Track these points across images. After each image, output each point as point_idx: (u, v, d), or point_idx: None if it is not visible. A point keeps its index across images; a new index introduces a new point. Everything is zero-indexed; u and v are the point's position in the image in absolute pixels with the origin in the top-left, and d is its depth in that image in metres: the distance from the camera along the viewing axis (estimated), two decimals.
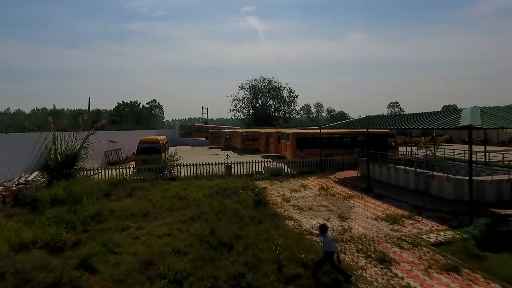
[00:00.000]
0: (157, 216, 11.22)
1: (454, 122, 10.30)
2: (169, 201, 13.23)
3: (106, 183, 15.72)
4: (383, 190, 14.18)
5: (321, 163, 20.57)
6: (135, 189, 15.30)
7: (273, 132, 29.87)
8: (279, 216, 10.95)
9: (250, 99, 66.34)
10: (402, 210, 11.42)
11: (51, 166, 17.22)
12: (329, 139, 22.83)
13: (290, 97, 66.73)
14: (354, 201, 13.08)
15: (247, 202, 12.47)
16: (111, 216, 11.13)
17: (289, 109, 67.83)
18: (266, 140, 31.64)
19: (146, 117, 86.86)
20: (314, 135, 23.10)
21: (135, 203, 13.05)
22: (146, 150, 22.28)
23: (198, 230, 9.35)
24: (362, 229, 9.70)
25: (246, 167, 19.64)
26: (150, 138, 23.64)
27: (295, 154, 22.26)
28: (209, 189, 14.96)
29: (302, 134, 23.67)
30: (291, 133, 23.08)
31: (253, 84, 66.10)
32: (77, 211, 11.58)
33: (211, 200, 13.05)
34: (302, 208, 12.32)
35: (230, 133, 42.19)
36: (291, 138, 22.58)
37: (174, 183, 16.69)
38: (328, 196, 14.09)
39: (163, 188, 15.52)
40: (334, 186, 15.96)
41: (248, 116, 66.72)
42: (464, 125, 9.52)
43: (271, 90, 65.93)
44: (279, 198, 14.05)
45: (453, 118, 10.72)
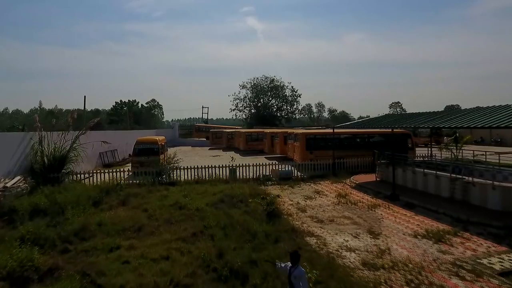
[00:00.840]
0: (153, 231, 9.49)
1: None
2: (167, 211, 11.50)
3: (96, 189, 13.98)
4: (411, 197, 12.46)
5: (334, 166, 18.84)
6: (130, 196, 13.56)
7: (279, 132, 28.15)
8: (298, 232, 9.22)
9: (252, 98, 64.61)
10: (442, 224, 9.69)
11: (37, 170, 15.49)
12: (341, 139, 21.09)
13: (292, 96, 65.03)
14: (380, 212, 11.35)
15: (258, 213, 10.75)
16: (99, 231, 9.39)
17: (291, 108, 66.14)
18: (271, 140, 29.92)
19: (145, 117, 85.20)
20: (326, 136, 21.38)
21: (128, 213, 11.32)
22: (143, 152, 20.54)
23: (203, 252, 7.63)
24: (402, 249, 7.98)
25: (252, 170, 17.92)
26: (147, 139, 21.92)
27: (304, 156, 20.54)
28: (212, 197, 13.24)
29: (312, 134, 21.93)
30: (300, 133, 21.36)
31: (255, 83, 64.42)
32: (59, 225, 9.87)
33: (216, 210, 11.32)
34: (322, 220, 10.58)
35: (232, 133, 40.48)
36: (301, 139, 20.85)
37: (173, 189, 14.96)
38: (348, 204, 12.36)
39: (161, 194, 13.79)
40: (352, 193, 14.23)
41: (250, 116, 64.97)
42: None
43: (273, 89, 64.18)
44: (293, 207, 12.33)
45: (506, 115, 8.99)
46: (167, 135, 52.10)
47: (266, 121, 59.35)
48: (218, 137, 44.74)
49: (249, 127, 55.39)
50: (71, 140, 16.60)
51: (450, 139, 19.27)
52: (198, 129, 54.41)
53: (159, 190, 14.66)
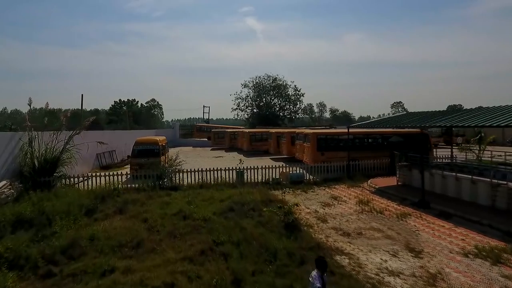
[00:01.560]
0: (154, 248, 8.11)
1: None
2: (170, 221, 10.13)
3: (91, 195, 12.59)
4: (443, 205, 11.09)
5: (349, 169, 17.47)
6: (128, 203, 12.18)
7: (285, 132, 26.77)
8: (325, 249, 7.84)
9: (254, 97, 63.21)
10: (492, 239, 8.32)
11: (26, 174, 14.11)
12: (355, 140, 19.71)
13: (295, 95, 63.63)
14: (413, 222, 9.98)
15: (274, 225, 9.39)
16: (90, 248, 8.03)
17: (294, 108, 64.74)
18: (277, 141, 28.55)
19: (145, 116, 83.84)
20: (338, 136, 20.02)
21: (125, 224, 9.94)
22: (143, 153, 19.17)
23: (215, 278, 6.27)
24: (457, 274, 6.60)
25: (260, 173, 16.55)
26: (147, 139, 20.54)
27: (315, 158, 19.16)
28: (220, 204, 11.87)
29: (323, 134, 20.54)
30: (311, 132, 19.98)
31: (257, 82, 63.01)
32: (45, 239, 8.51)
33: (226, 220, 9.96)
34: (349, 233, 9.21)
35: (235, 133, 39.11)
36: (311, 139, 19.47)
37: (176, 194, 13.59)
38: (373, 213, 10.99)
39: (162, 201, 12.41)
40: (374, 199, 12.85)
41: (252, 116, 63.56)
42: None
43: (276, 88, 62.77)
44: (311, 216, 10.96)
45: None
46: (168, 135, 50.67)
47: (269, 120, 57.96)
48: (220, 137, 43.35)
49: (251, 127, 54.06)
50: (64, 141, 15.21)
51: (475, 139, 17.88)
52: (199, 129, 53.02)
53: (160, 196, 13.28)
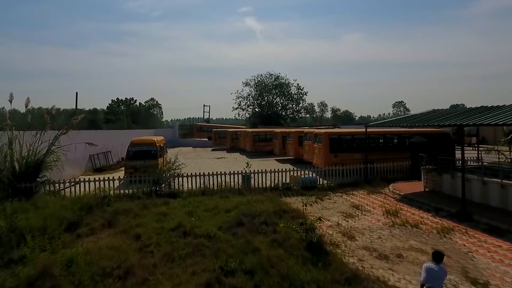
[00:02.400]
0: (146, 279, 6.43)
1: None
2: (167, 238, 8.46)
3: (76, 204, 10.90)
4: (488, 217, 9.43)
5: (366, 172, 15.79)
6: (118, 214, 10.52)
7: (292, 132, 25.08)
8: (363, 281, 6.16)
9: (255, 96, 61.46)
10: None
11: (4, 179, 12.43)
12: (371, 140, 18.03)
13: (298, 94, 61.89)
14: (459, 240, 8.30)
15: (294, 244, 7.73)
16: (65, 279, 6.34)
17: (297, 107, 63.00)
18: (282, 141, 26.86)
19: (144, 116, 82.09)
20: (353, 136, 18.35)
21: (113, 242, 8.27)
22: (139, 155, 17.50)
23: None
24: None
25: (269, 177, 14.88)
26: (144, 139, 18.84)
27: (328, 160, 17.49)
28: (226, 215, 10.21)
29: (336, 134, 18.84)
30: (322, 132, 18.29)
31: (259, 80, 61.27)
32: (11, 266, 6.85)
33: (234, 238, 8.31)
34: (386, 255, 7.53)
35: (237, 133, 37.43)
36: (323, 139, 17.79)
37: (174, 203, 11.92)
38: (408, 227, 9.32)
39: (159, 212, 10.74)
40: (403, 208, 11.17)
41: (253, 115, 61.85)
42: None
43: (278, 86, 61.04)
44: (334, 230, 9.28)
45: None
46: (167, 135, 48.97)
47: (271, 120, 56.29)
48: (221, 137, 41.70)
49: (253, 127, 52.41)
50: (49, 142, 13.52)
51: (507, 139, 16.20)
52: (200, 128, 51.33)
53: (157, 205, 11.61)
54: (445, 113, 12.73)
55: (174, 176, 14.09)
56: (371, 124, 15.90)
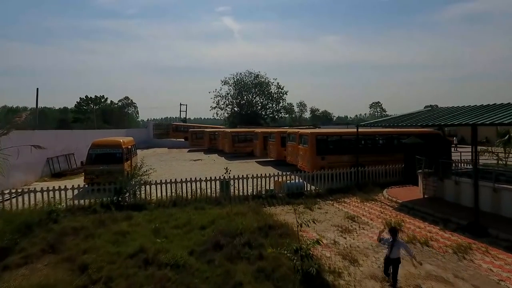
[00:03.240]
0: None
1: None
2: (122, 270, 6.57)
3: (11, 223, 8.73)
4: (504, 230, 8.17)
5: (358, 176, 14.41)
6: (66, 235, 8.50)
7: (274, 132, 23.49)
8: None
9: (234, 95, 59.55)
10: None
11: None
12: (361, 141, 16.67)
13: (278, 93, 60.56)
14: (482, 262, 6.91)
15: (285, 274, 6.10)
16: None
17: (277, 106, 61.64)
18: (264, 142, 25.24)
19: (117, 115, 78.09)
20: (342, 136, 16.94)
21: (51, 277, 6.31)
22: (101, 158, 15.31)
23: None
24: None
25: (250, 183, 13.17)
26: (107, 141, 16.56)
27: (315, 163, 15.99)
28: (201, 233, 8.43)
29: (324, 134, 17.35)
30: (309, 133, 16.75)
31: (238, 78, 59.41)
32: None
33: (209, 267, 6.56)
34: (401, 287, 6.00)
35: (216, 134, 35.49)
36: (310, 140, 16.26)
37: (139, 217, 9.99)
38: (416, 245, 7.86)
39: (118, 230, 8.77)
40: (405, 220, 9.77)
41: (232, 114, 59.94)
42: None
43: (258, 85, 59.46)
44: (331, 252, 7.69)
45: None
46: (141, 135, 46.23)
47: (251, 120, 54.64)
48: (198, 137, 39.54)
49: (232, 127, 50.56)
50: None
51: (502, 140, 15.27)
52: (176, 128, 48.86)
53: (117, 221, 9.62)
54: (451, 111, 11.48)
55: (141, 183, 12.08)
56: (364, 123, 14.55)
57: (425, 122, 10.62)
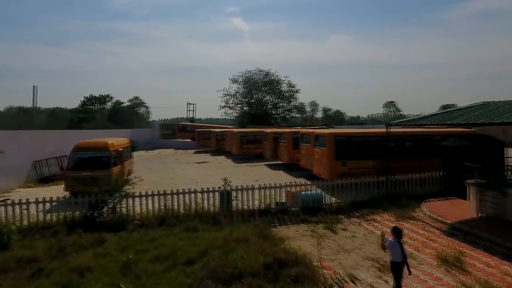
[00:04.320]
0: None
1: None
2: None
3: None
4: None
5: (388, 186, 11.89)
6: (6, 272, 6.31)
7: (285, 132, 21.05)
8: None
9: (244, 94, 57.14)
10: None
11: None
12: (390, 143, 14.10)
13: (290, 92, 57.84)
14: None
15: None
16: None
17: (289, 105, 58.90)
18: (274, 143, 22.84)
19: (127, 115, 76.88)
20: (365, 137, 14.42)
21: None
22: (85, 163, 13.25)
23: None
24: None
25: (257, 195, 10.80)
26: (92, 142, 14.40)
27: (334, 169, 13.52)
28: (186, 272, 6.13)
29: (344, 135, 14.83)
30: (327, 133, 14.26)
31: (247, 76, 56.91)
32: None
33: None
34: None
35: (223, 134, 33.24)
36: (328, 142, 13.78)
37: (112, 242, 7.78)
38: None
39: (75, 266, 6.53)
40: (465, 252, 7.23)
41: (242, 114, 57.56)
42: None
43: (268, 83, 56.88)
44: None
45: None
46: (146, 135, 44.41)
47: (261, 119, 52.18)
48: (205, 138, 37.40)
49: (241, 127, 48.27)
50: None
51: None
52: (182, 128, 46.82)
53: (81, 248, 7.42)
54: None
55: (121, 196, 9.87)
56: (396, 122, 11.93)
57: (489, 119, 8.04)
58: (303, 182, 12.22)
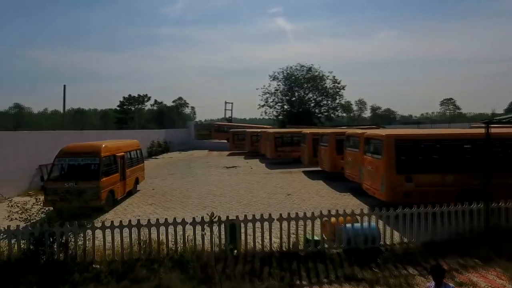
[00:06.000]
0: None
1: None
2: None
3: None
4: None
5: (487, 217, 7.61)
6: None
7: (327, 133, 17.05)
8: None
9: (284, 91, 53.37)
10: None
11: None
12: (473, 149, 9.71)
13: (334, 88, 52.83)
14: None
15: None
16: None
17: (333, 103, 53.80)
18: (313, 146, 18.96)
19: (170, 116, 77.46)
20: (441, 141, 10.09)
21: None
22: (69, 172, 10.75)
23: None
24: None
25: (276, 227, 7.22)
26: (81, 146, 11.70)
27: (394, 186, 9.43)
28: None
29: (410, 138, 10.56)
30: (384, 135, 10.15)
31: (288, 73, 53.03)
32: None
33: None
34: None
35: (258, 135, 29.96)
36: (386, 148, 9.69)
37: None
38: None
39: None
40: None
41: (282, 113, 53.83)
42: None
43: (311, 80, 52.45)
44: None
45: None
46: (181, 136, 42.69)
47: (303, 118, 48.12)
48: (240, 139, 34.45)
49: (281, 127, 44.65)
50: None
51: None
52: (218, 128, 44.39)
53: None
54: None
55: (75, 227, 6.84)
56: (498, 118, 7.62)
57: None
58: (349, 201, 8.46)
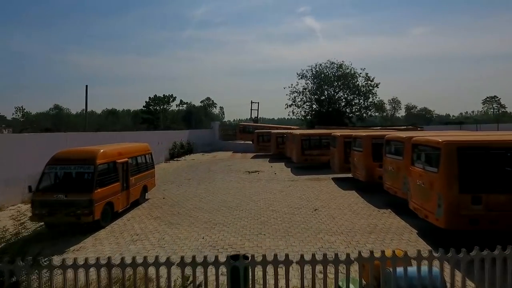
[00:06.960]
0: None
1: None
2: None
3: None
4: None
5: None
6: None
7: (361, 137, 14.75)
8: None
9: (313, 90, 50.76)
10: None
11: None
12: None
13: (367, 86, 49.45)
14: None
15: None
16: None
17: (366, 102, 50.35)
18: (345, 150, 16.69)
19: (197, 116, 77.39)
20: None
21: None
22: (60, 182, 9.45)
23: None
24: None
25: (295, 273, 5.24)
26: (74, 151, 10.22)
27: (456, 208, 7.13)
28: None
29: (476, 144, 8.13)
30: (441, 141, 7.84)
31: (317, 71, 50.36)
32: None
33: None
34: None
35: (284, 136, 28.00)
36: (444, 157, 7.45)
37: None
38: None
39: None
40: None
41: (310, 113, 51.28)
42: None
43: (342, 78, 49.45)
44: None
45: None
46: (205, 137, 41.50)
47: (333, 118, 45.41)
48: (265, 140, 32.75)
49: (310, 127, 42.34)
50: None
51: None
52: (243, 129, 42.85)
53: None
54: None
55: (29, 266, 5.25)
56: None
57: None
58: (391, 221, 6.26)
